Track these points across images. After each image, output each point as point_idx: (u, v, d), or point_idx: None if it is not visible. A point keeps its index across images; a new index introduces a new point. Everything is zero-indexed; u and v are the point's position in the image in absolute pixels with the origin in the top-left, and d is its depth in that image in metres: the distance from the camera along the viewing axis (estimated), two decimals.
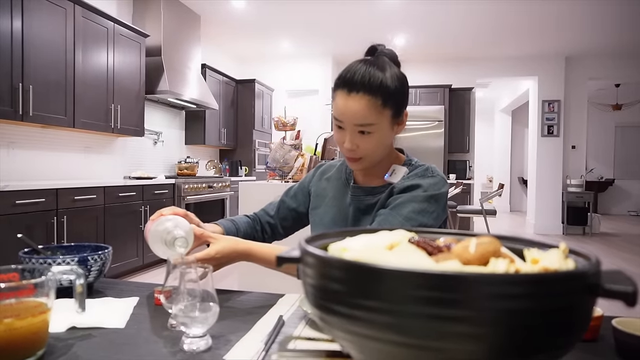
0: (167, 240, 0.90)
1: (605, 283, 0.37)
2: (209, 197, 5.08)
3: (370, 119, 0.95)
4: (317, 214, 1.17)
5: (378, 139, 0.99)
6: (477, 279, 0.34)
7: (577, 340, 0.39)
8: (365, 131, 0.97)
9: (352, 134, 0.98)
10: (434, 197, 1.01)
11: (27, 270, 0.69)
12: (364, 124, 0.96)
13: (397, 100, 0.98)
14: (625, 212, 10.27)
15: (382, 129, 0.98)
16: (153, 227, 0.92)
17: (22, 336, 0.61)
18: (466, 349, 0.35)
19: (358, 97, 0.95)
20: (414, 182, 1.03)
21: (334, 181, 1.19)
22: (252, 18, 5.62)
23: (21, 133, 3.45)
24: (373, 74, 0.95)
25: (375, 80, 0.95)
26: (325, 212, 1.15)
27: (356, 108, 0.95)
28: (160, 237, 0.91)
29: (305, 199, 1.23)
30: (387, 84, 0.95)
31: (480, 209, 5.50)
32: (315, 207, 1.19)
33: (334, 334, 0.42)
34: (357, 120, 0.96)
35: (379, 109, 0.95)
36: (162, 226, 0.91)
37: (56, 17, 3.35)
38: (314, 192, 1.21)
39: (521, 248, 0.50)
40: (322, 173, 1.23)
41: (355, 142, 0.99)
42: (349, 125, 0.98)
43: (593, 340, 0.72)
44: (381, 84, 0.95)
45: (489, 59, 7.18)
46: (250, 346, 0.68)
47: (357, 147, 0.99)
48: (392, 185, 1.06)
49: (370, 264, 0.36)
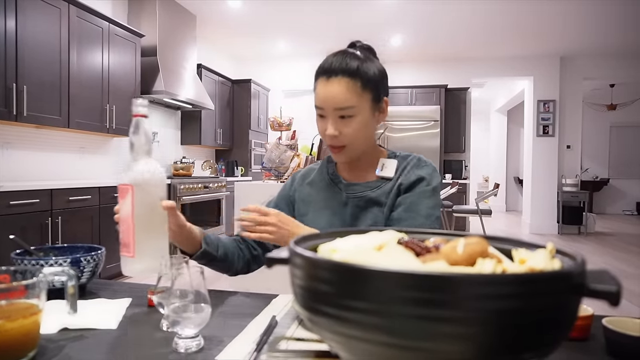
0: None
1: (590, 283, 0.37)
2: (204, 197, 5.07)
3: (351, 102, 0.97)
4: (308, 220, 1.10)
5: (360, 123, 1.00)
6: (463, 280, 0.34)
7: (563, 338, 0.40)
8: (346, 115, 0.98)
9: (334, 119, 0.99)
10: (437, 188, 1.06)
11: (19, 271, 0.69)
12: (344, 107, 0.97)
13: (376, 84, 1.00)
14: (620, 212, 10.32)
15: (363, 112, 0.99)
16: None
17: (13, 338, 0.60)
18: (453, 349, 0.36)
19: (337, 80, 0.97)
20: (418, 175, 1.04)
21: (318, 184, 1.15)
22: (248, 18, 5.61)
23: (15, 133, 3.44)
24: (351, 60, 0.99)
25: (353, 64, 0.98)
26: (317, 216, 1.11)
27: (336, 91, 0.97)
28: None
29: (289, 207, 1.17)
30: (365, 69, 0.99)
31: (476, 209, 5.52)
32: (303, 214, 1.13)
33: (323, 335, 0.42)
34: (337, 104, 0.97)
35: (358, 91, 0.97)
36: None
37: (51, 17, 3.34)
38: (299, 198, 1.16)
39: (509, 248, 0.50)
40: (303, 178, 1.19)
41: (337, 127, 0.99)
42: (330, 111, 0.99)
43: (584, 339, 0.73)
44: (359, 68, 0.98)
45: (484, 59, 7.20)
46: (242, 347, 0.68)
47: (339, 133, 1.00)
48: (388, 179, 1.06)
49: (357, 265, 0.37)
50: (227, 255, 1.06)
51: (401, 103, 6.92)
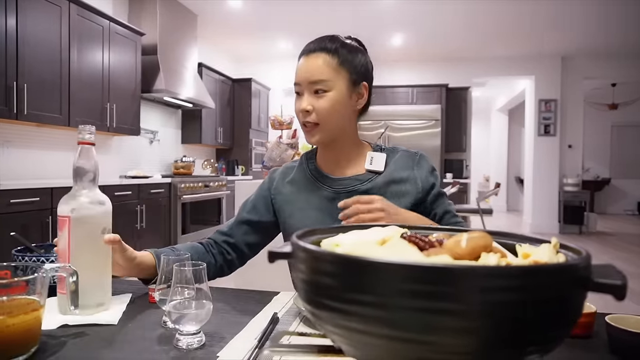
0: None
1: (595, 276, 0.37)
2: (205, 196, 5.07)
3: (325, 75, 0.98)
4: (296, 220, 1.07)
5: (334, 100, 0.99)
6: (467, 272, 0.34)
7: (567, 333, 0.39)
8: (320, 90, 0.99)
9: (309, 93, 1.00)
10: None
11: (20, 268, 0.69)
12: (318, 80, 0.98)
13: (355, 66, 1.01)
14: (621, 211, 10.31)
15: (338, 89, 0.99)
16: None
17: (15, 333, 0.60)
18: (457, 342, 0.35)
19: (314, 55, 1.00)
20: (431, 177, 1.07)
21: (299, 182, 1.10)
22: (249, 17, 5.61)
23: (16, 132, 3.44)
24: (331, 40, 1.01)
25: (332, 44, 1.00)
26: (304, 216, 1.06)
27: (312, 65, 0.99)
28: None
29: (268, 208, 1.12)
30: (345, 50, 1.01)
31: (477, 208, 5.51)
32: (290, 215, 1.08)
33: (326, 329, 0.42)
34: (312, 77, 0.98)
35: (334, 66, 0.99)
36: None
37: (51, 15, 3.34)
38: (282, 199, 1.10)
39: (513, 243, 0.50)
40: (282, 177, 1.14)
41: (311, 102, 0.99)
42: (305, 86, 1.00)
43: (587, 336, 0.73)
44: (338, 48, 1.00)
45: (485, 58, 7.20)
46: (244, 344, 0.68)
47: (312, 108, 0.99)
48: (378, 172, 1.05)
49: (361, 258, 0.36)
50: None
51: (402, 102, 6.91)
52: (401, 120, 6.61)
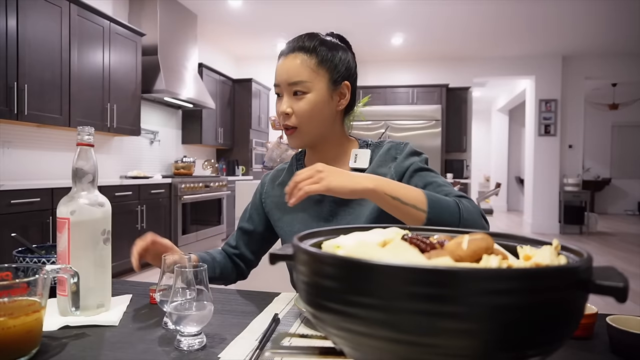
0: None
1: (596, 279, 0.37)
2: (205, 196, 5.07)
3: (304, 76, 0.95)
4: (284, 223, 1.06)
5: (312, 102, 0.95)
6: (468, 274, 0.34)
7: (569, 335, 0.39)
8: (299, 91, 0.96)
9: (288, 95, 0.97)
10: (426, 159, 1.03)
11: (21, 269, 0.69)
12: (297, 82, 0.95)
13: (334, 65, 0.98)
14: (621, 212, 10.31)
15: (317, 91, 0.96)
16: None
17: (16, 335, 0.60)
18: (459, 344, 0.35)
19: (292, 56, 0.97)
20: (407, 161, 0.99)
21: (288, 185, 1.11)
22: (249, 17, 5.61)
23: (16, 132, 3.44)
24: (308, 39, 0.98)
25: (310, 42, 0.97)
26: (292, 218, 1.05)
27: (290, 66, 0.96)
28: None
29: (261, 216, 1.12)
30: (323, 49, 0.97)
31: None
32: (278, 219, 1.07)
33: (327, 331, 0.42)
34: (290, 78, 0.96)
35: (313, 67, 0.96)
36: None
37: (51, 16, 3.34)
38: (271, 203, 1.10)
39: (514, 245, 0.50)
40: (272, 181, 1.13)
41: (290, 104, 0.96)
42: (284, 87, 0.97)
43: (588, 337, 0.73)
44: (315, 47, 0.97)
45: (486, 58, 7.20)
46: (245, 345, 0.68)
47: (292, 111, 0.96)
48: (363, 170, 0.99)
49: (363, 260, 0.36)
50: (222, 274, 1.08)
51: (402, 102, 6.91)
52: (401, 121, 6.60)
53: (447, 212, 0.82)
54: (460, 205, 0.84)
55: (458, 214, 0.82)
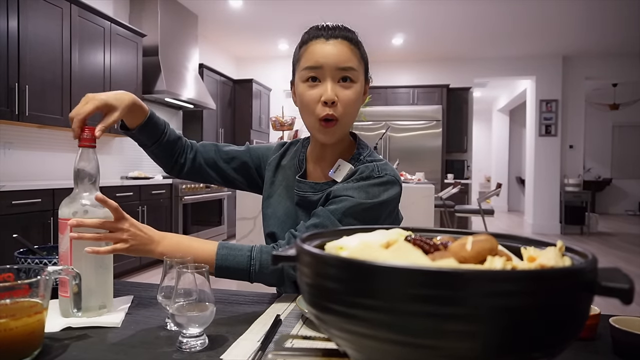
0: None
1: (601, 280, 0.37)
2: (206, 197, 5.07)
3: (353, 63, 0.89)
4: (271, 204, 1.04)
5: (358, 92, 0.91)
6: (472, 276, 0.34)
7: (573, 337, 0.39)
8: (348, 78, 0.89)
9: (333, 82, 0.88)
10: (371, 207, 0.88)
11: (22, 270, 0.69)
12: (347, 67, 0.88)
13: (367, 62, 0.96)
14: (622, 212, 10.30)
15: (360, 82, 0.92)
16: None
17: (18, 336, 0.60)
18: (463, 346, 0.35)
19: (338, 42, 0.89)
20: (349, 193, 0.89)
21: (288, 169, 1.05)
22: (250, 18, 5.62)
23: (17, 133, 3.44)
24: (349, 31, 0.93)
25: (353, 34, 0.93)
26: (279, 203, 1.02)
27: (340, 50, 0.88)
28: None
29: (260, 163, 1.10)
30: (359, 41, 0.95)
31: (478, 209, 5.51)
32: (268, 197, 1.05)
33: (331, 333, 0.42)
34: (342, 63, 0.88)
35: (358, 57, 0.91)
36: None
37: (52, 17, 3.34)
38: (268, 178, 1.07)
39: (518, 246, 0.50)
40: (281, 157, 1.09)
41: (336, 91, 0.88)
42: (329, 71, 0.88)
43: (591, 338, 0.72)
44: (358, 40, 0.94)
45: (486, 59, 7.19)
46: (247, 346, 0.68)
47: (337, 99, 0.88)
48: (335, 182, 0.96)
49: (366, 262, 0.36)
50: (174, 142, 1.04)
51: (403, 103, 6.91)
52: (402, 121, 6.60)
53: (235, 275, 0.87)
54: (251, 262, 0.87)
55: (248, 274, 0.87)
